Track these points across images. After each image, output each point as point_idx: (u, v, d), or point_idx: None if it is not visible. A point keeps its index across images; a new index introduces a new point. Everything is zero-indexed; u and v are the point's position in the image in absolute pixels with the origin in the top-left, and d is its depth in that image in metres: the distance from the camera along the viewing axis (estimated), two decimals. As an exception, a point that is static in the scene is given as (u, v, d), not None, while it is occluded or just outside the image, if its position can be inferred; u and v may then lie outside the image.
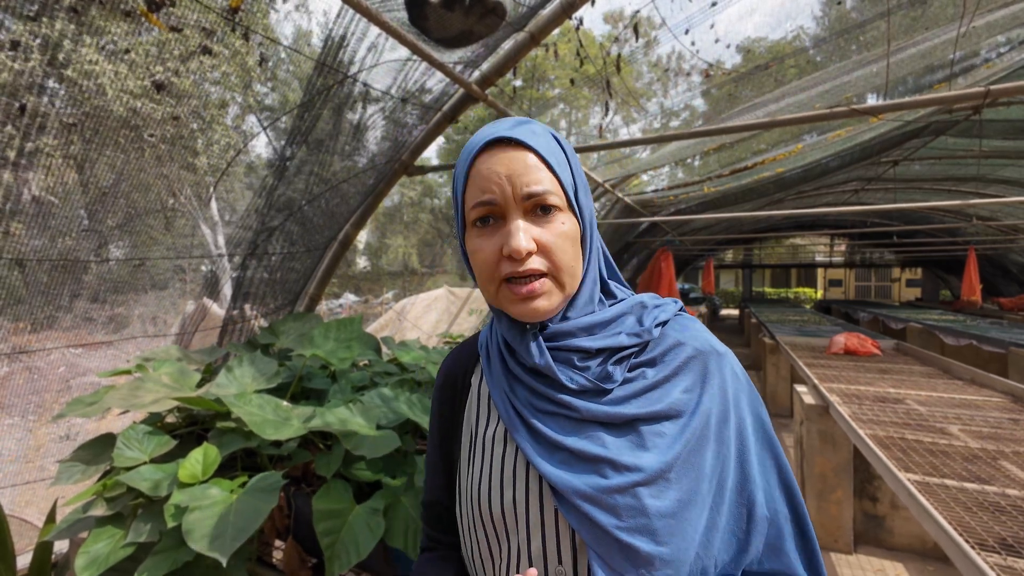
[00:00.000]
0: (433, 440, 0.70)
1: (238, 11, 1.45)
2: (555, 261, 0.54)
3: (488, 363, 0.64)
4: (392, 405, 1.57)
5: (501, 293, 0.55)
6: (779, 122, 2.06)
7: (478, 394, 0.66)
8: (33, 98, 1.44)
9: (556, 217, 0.54)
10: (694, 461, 0.53)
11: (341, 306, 12.17)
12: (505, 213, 0.54)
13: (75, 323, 2.06)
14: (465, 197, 0.56)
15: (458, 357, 0.71)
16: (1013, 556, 1.30)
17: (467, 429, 0.65)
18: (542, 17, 2.01)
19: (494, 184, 0.53)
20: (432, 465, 0.70)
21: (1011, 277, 11.28)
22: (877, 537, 2.89)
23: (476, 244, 0.56)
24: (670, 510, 0.50)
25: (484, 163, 0.54)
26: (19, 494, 2.03)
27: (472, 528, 0.60)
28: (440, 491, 0.68)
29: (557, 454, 0.54)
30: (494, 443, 0.60)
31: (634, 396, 0.56)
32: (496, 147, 0.54)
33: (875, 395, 2.90)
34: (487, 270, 0.55)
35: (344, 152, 2.43)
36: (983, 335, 5.06)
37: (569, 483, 0.52)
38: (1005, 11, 2.46)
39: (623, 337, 0.58)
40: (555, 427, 0.56)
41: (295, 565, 1.35)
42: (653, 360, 0.58)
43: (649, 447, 0.53)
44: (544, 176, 0.54)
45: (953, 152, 5.15)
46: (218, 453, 1.30)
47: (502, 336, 0.63)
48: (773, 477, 0.56)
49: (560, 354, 0.57)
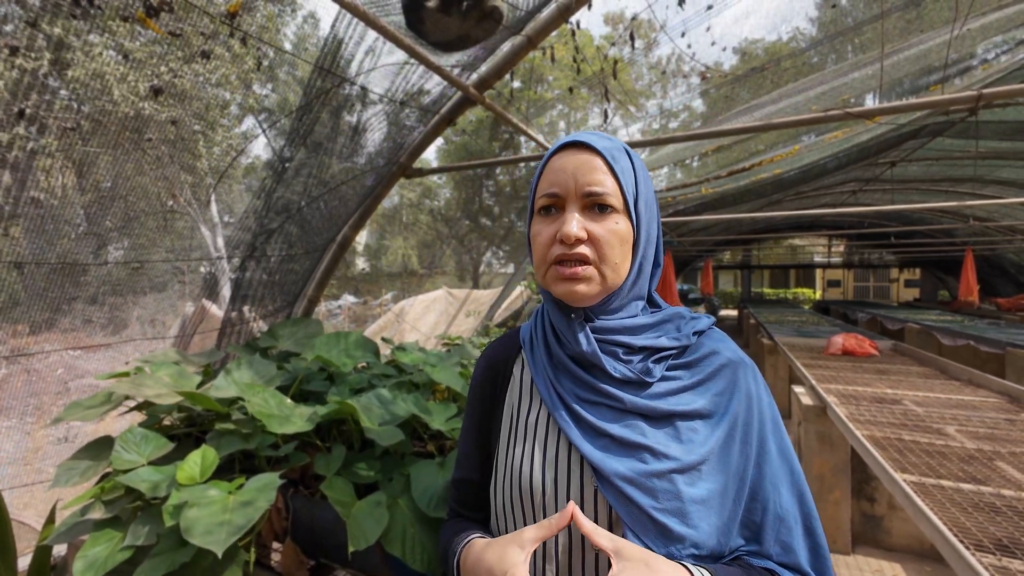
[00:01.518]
0: (471, 423, 0.75)
1: (236, 16, 1.46)
2: (601, 253, 0.60)
3: (532, 352, 0.70)
4: (390, 407, 1.57)
5: (549, 273, 0.62)
6: (776, 124, 2.07)
7: (520, 381, 0.71)
8: (34, 99, 1.45)
9: (611, 217, 0.61)
10: (723, 458, 0.59)
11: (340, 307, 12.15)
12: (565, 205, 0.61)
13: (74, 325, 2.06)
14: (538, 188, 0.65)
15: (500, 347, 0.77)
16: (1008, 556, 1.31)
17: (508, 413, 0.70)
18: (539, 20, 2.02)
19: (561, 179, 0.61)
20: (468, 445, 0.75)
21: (1008, 277, 11.31)
22: (875, 538, 2.90)
23: (537, 228, 0.63)
24: (701, 497, 0.56)
25: (557, 161, 0.63)
26: (17, 496, 2.02)
27: (509, 504, 0.64)
28: (474, 470, 0.73)
29: (600, 440, 0.60)
30: (536, 426, 0.65)
31: (671, 394, 0.61)
32: (571, 149, 0.63)
33: (872, 396, 2.91)
34: (541, 251, 0.62)
35: (342, 154, 2.44)
36: (980, 335, 5.07)
37: (612, 466, 0.57)
38: (999, 13, 2.48)
39: (664, 340, 0.64)
40: (597, 415, 0.61)
41: (293, 566, 1.36)
42: (689, 364, 0.64)
43: (684, 441, 0.59)
44: (606, 179, 0.60)
45: (950, 153, 5.17)
46: (216, 455, 1.31)
47: (550, 325, 0.68)
48: (787, 482, 0.61)
49: (605, 346, 0.63)
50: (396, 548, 1.23)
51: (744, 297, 19.48)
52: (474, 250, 13.48)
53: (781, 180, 5.20)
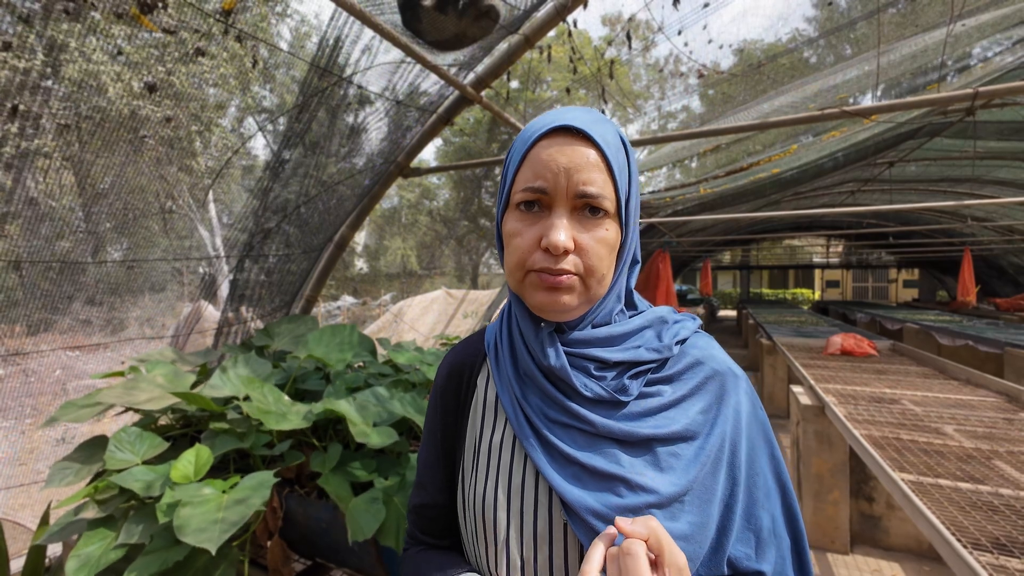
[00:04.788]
0: (432, 439, 0.66)
1: (231, 13, 1.46)
2: (589, 265, 0.52)
3: (497, 363, 0.62)
4: (387, 405, 1.57)
5: (529, 278, 0.53)
6: (773, 123, 2.07)
7: (484, 395, 0.63)
8: (27, 98, 1.45)
9: (602, 222, 0.53)
10: (708, 484, 0.53)
11: (339, 308, 12.13)
12: (553, 204, 0.52)
13: (71, 325, 2.06)
14: (516, 176, 0.54)
15: (463, 354, 0.68)
16: (1005, 555, 1.31)
17: (471, 432, 0.63)
18: (536, 20, 2.02)
19: (550, 173, 0.51)
20: (429, 466, 0.66)
21: (1007, 278, 11.32)
22: (873, 537, 2.89)
23: (515, 227, 0.54)
24: (683, 533, 0.50)
25: (545, 148, 0.52)
26: (12, 497, 2.02)
27: (473, 535, 0.58)
28: (438, 492, 0.65)
29: (570, 468, 0.53)
30: (501, 450, 0.58)
31: (650, 414, 0.55)
32: (562, 135, 0.52)
33: (871, 395, 2.90)
34: (519, 255, 0.53)
35: (340, 154, 2.44)
36: (979, 335, 5.08)
37: (582, 500, 0.51)
38: (996, 12, 2.48)
39: (642, 351, 0.56)
40: (568, 440, 0.54)
41: (279, 562, 1.35)
42: (671, 377, 0.57)
43: (664, 469, 0.52)
44: (602, 178, 0.52)
45: (948, 153, 5.18)
46: (210, 454, 1.30)
47: (518, 331, 0.60)
48: (778, 504, 0.57)
49: (577, 361, 0.56)
50: (391, 540, 1.24)
51: (743, 298, 19.51)
52: (473, 251, 13.48)
53: (779, 180, 5.21)
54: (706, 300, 13.72)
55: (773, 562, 0.54)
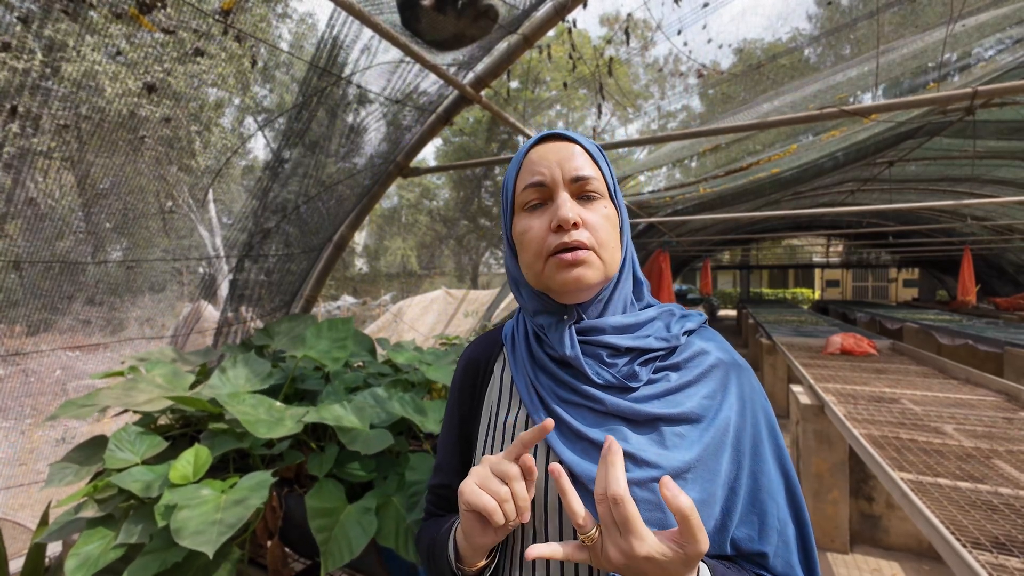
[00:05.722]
0: (451, 423, 0.72)
1: (230, 13, 1.46)
2: (598, 238, 0.58)
3: (513, 351, 0.67)
4: (385, 405, 1.56)
5: (548, 265, 0.58)
6: (772, 123, 2.07)
7: (500, 381, 0.69)
8: (27, 98, 1.45)
9: (600, 202, 0.60)
10: (711, 465, 0.55)
11: (339, 308, 12.13)
12: (553, 193, 0.59)
13: (71, 325, 2.06)
14: (517, 181, 0.62)
15: (481, 345, 0.74)
16: (1005, 554, 1.31)
17: (486, 414, 0.67)
18: (535, 19, 2.02)
19: (545, 167, 0.59)
20: (447, 448, 0.72)
21: (1007, 277, 11.32)
22: (873, 537, 2.89)
23: (525, 224, 0.60)
24: None
25: (536, 152, 0.61)
26: (12, 497, 2.02)
27: None
28: (454, 474, 0.70)
29: (579, 443, 0.57)
30: (515, 428, 0.63)
31: (657, 397, 0.58)
32: (548, 140, 0.62)
33: (871, 395, 2.90)
34: (535, 245, 0.58)
35: (339, 154, 2.44)
36: (979, 335, 5.08)
37: (589, 472, 0.53)
38: (995, 12, 2.48)
39: (652, 340, 0.60)
40: (578, 417, 0.58)
41: (278, 563, 1.35)
42: (677, 365, 0.61)
43: (669, 447, 0.55)
44: (590, 164, 0.60)
45: (948, 153, 5.18)
46: (209, 454, 1.30)
47: (533, 324, 0.65)
48: (782, 491, 0.59)
49: (589, 348, 0.60)
50: (390, 541, 1.23)
51: (743, 297, 19.49)
52: (473, 251, 13.48)
53: (779, 179, 5.20)
54: (706, 300, 13.73)
55: (775, 544, 0.56)
